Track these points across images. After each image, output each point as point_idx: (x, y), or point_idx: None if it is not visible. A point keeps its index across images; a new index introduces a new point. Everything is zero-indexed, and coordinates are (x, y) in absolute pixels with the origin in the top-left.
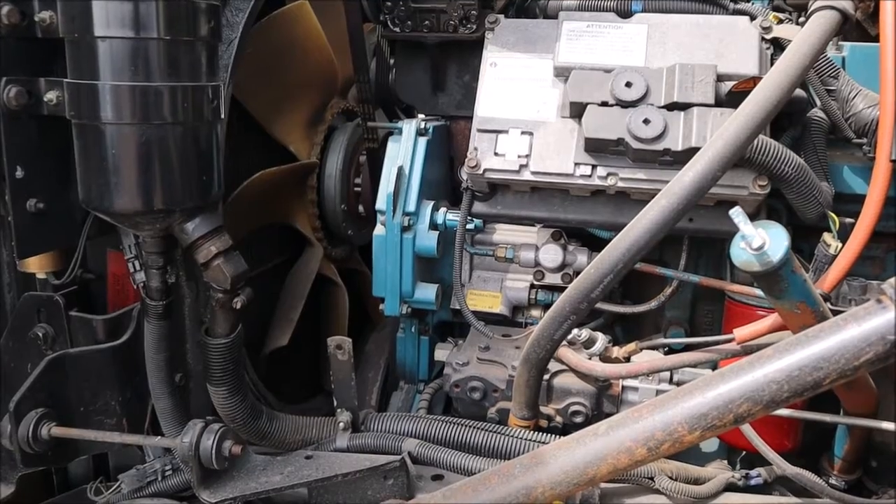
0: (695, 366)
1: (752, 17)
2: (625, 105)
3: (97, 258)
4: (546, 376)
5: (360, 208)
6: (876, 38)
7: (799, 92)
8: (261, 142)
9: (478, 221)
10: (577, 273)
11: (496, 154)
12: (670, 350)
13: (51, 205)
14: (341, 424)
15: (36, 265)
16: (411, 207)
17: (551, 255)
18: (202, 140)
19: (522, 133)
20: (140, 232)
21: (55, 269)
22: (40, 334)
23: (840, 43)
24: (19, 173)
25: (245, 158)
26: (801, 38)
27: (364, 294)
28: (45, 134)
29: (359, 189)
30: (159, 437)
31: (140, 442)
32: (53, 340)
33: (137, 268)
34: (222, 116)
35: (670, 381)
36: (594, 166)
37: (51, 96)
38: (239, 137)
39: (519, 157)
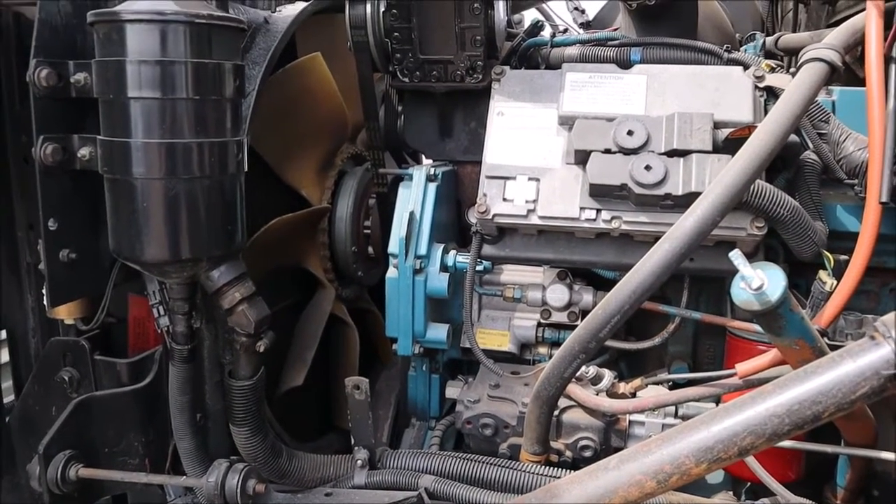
0: (699, 400)
1: (746, 67)
2: (627, 152)
3: (118, 302)
4: (555, 412)
5: (370, 249)
6: (864, 80)
7: (792, 136)
8: (271, 184)
9: (486, 263)
10: (583, 311)
11: (504, 199)
12: (674, 384)
13: (82, 254)
14: (359, 462)
15: (65, 312)
16: (423, 251)
17: (558, 294)
18: (227, 192)
19: (529, 179)
20: (168, 280)
21: (83, 314)
22: (66, 378)
23: (830, 88)
24: (53, 225)
25: (258, 202)
26: (793, 88)
27: (372, 333)
28: (76, 187)
29: (368, 231)
30: (184, 477)
31: (165, 482)
32: (79, 384)
33: (162, 313)
34: (245, 168)
35: (675, 415)
36: (599, 210)
37: (84, 152)
38: (251, 182)
39: (526, 202)
